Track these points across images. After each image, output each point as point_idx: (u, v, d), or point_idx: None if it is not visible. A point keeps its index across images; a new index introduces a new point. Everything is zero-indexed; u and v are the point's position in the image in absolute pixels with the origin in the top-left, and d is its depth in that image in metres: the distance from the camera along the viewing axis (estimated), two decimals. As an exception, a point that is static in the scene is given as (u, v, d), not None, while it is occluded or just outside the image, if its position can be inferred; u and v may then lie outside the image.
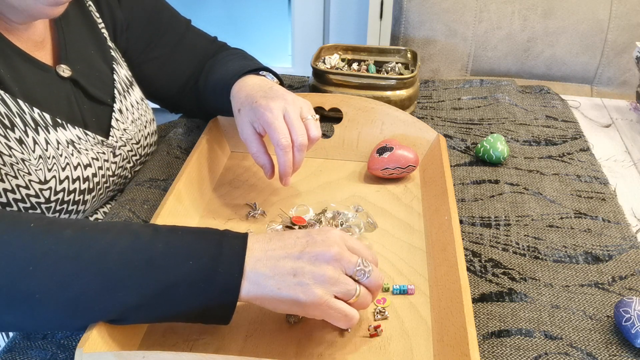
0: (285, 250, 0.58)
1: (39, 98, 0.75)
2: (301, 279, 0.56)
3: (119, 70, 0.90)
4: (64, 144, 0.76)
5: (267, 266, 0.56)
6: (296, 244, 0.58)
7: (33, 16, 0.73)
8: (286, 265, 0.56)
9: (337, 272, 0.57)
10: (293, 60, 2.50)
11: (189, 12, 1.06)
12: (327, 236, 0.59)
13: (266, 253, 0.57)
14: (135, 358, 0.54)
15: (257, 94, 0.80)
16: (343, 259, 0.58)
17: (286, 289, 0.56)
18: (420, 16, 1.53)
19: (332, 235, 0.59)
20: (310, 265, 0.56)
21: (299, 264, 0.56)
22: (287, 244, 0.58)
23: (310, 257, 0.57)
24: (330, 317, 0.57)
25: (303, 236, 0.59)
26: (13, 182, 0.71)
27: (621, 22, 1.48)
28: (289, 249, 0.58)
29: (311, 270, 0.56)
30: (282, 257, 0.57)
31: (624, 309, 0.65)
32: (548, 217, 0.85)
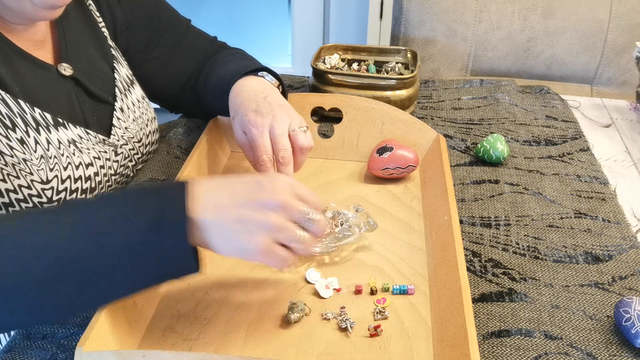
0: (232, 198, 0.58)
1: (40, 98, 0.75)
2: (247, 227, 0.57)
3: (120, 69, 0.90)
4: (66, 144, 0.76)
5: (213, 213, 0.57)
6: (243, 191, 0.59)
7: (31, 19, 0.74)
8: (232, 213, 0.57)
9: (281, 219, 0.58)
10: (293, 60, 2.50)
11: (189, 12, 1.06)
12: (275, 184, 0.60)
13: (212, 200, 0.58)
14: (135, 357, 0.54)
15: (249, 105, 0.80)
16: (289, 207, 0.59)
17: (232, 237, 0.57)
18: (420, 16, 1.53)
19: (280, 183, 0.60)
20: (255, 212, 0.57)
21: (245, 211, 0.57)
22: (234, 191, 0.59)
23: (256, 205, 0.58)
24: (270, 261, 0.59)
25: (251, 183, 0.60)
26: (15, 182, 0.71)
27: (621, 22, 1.48)
28: (235, 197, 0.58)
29: (257, 217, 0.57)
30: (228, 205, 0.57)
31: (624, 309, 0.65)
32: (548, 217, 0.85)
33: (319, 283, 0.70)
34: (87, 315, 0.68)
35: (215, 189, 0.59)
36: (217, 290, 0.70)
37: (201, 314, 0.66)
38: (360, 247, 0.77)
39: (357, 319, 0.66)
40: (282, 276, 0.72)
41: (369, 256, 0.75)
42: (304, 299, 0.68)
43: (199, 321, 0.65)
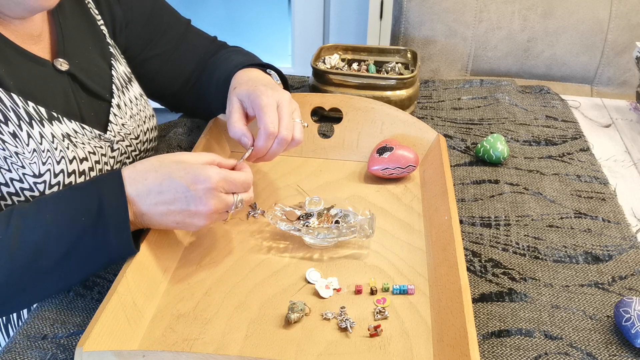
0: (167, 207, 0.66)
1: (35, 92, 0.76)
2: (183, 225, 0.68)
3: (117, 66, 0.90)
4: (60, 138, 0.76)
5: (151, 219, 0.67)
6: (176, 201, 0.66)
7: (29, 9, 0.74)
8: (169, 219, 0.67)
9: (213, 218, 0.68)
10: (293, 60, 2.50)
11: (189, 12, 1.06)
12: (204, 192, 0.66)
13: (149, 207, 0.67)
14: (135, 357, 0.55)
15: (260, 82, 0.82)
16: (219, 210, 0.67)
17: (169, 227, 0.69)
18: (420, 16, 1.53)
19: (208, 189, 0.66)
20: (190, 218, 0.67)
21: (180, 218, 0.67)
22: (166, 200, 0.66)
23: (190, 214, 0.67)
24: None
25: (182, 191, 0.66)
26: (7, 175, 0.72)
27: (621, 22, 1.48)
28: (170, 205, 0.66)
29: (192, 222, 0.68)
30: (163, 212, 0.67)
31: (624, 309, 0.65)
32: (548, 217, 0.85)
33: (319, 283, 0.70)
34: (87, 315, 0.68)
35: (147, 195, 0.67)
36: (217, 290, 0.70)
37: (201, 314, 0.66)
38: (360, 247, 0.77)
39: (357, 319, 0.66)
40: (282, 276, 0.72)
41: (369, 256, 0.75)
42: (304, 299, 0.68)
43: (199, 321, 0.65)
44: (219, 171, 0.66)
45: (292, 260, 0.75)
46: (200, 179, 0.65)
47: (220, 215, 0.69)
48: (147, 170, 0.67)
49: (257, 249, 0.76)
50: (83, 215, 0.64)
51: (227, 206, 0.68)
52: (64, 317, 0.68)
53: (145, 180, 0.66)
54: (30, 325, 0.67)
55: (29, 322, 0.67)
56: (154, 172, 0.67)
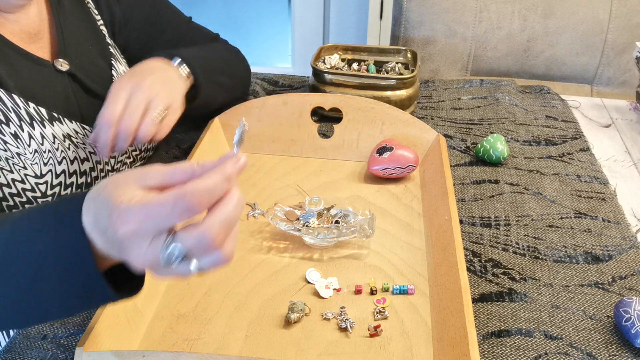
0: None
1: (35, 92, 0.76)
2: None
3: (118, 66, 0.90)
4: (60, 138, 0.76)
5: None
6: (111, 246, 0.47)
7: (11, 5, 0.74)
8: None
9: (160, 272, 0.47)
10: (293, 60, 2.50)
11: (189, 12, 1.06)
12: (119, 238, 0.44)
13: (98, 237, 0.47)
14: (135, 357, 0.55)
15: (143, 70, 0.79)
16: (151, 265, 0.45)
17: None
18: (420, 16, 1.53)
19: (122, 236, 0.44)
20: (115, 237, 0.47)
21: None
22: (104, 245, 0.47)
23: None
24: None
25: (105, 229, 0.45)
26: (9, 176, 0.71)
27: (621, 22, 1.48)
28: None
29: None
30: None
31: (624, 309, 0.65)
32: (548, 217, 0.85)
33: (319, 283, 0.70)
34: (87, 315, 0.68)
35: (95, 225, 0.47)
36: (217, 290, 0.70)
37: (201, 314, 0.66)
38: (360, 247, 0.77)
39: (357, 319, 0.66)
40: (282, 276, 0.72)
41: (369, 256, 0.75)
42: (304, 299, 0.68)
43: (199, 321, 0.65)
44: (135, 206, 0.44)
45: (292, 260, 0.75)
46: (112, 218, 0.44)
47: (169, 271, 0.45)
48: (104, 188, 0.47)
49: (257, 249, 0.76)
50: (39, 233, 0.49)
51: (155, 259, 0.44)
52: (64, 317, 0.68)
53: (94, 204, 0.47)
54: (30, 325, 0.67)
55: (29, 322, 0.67)
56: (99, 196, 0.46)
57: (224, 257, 0.45)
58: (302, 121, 0.96)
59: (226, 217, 0.44)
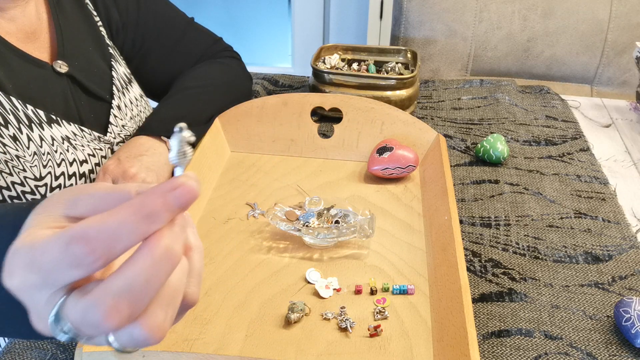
0: None
1: (34, 94, 0.75)
2: None
3: (117, 67, 0.90)
4: (59, 140, 0.76)
5: None
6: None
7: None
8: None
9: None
10: (293, 60, 2.50)
11: (190, 12, 1.06)
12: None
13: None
14: (135, 357, 0.55)
15: (120, 152, 0.80)
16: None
17: None
18: (420, 16, 1.53)
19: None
20: None
21: None
22: None
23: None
24: None
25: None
26: (8, 179, 0.71)
27: (621, 22, 1.48)
28: None
29: None
30: None
31: (624, 309, 0.65)
32: (548, 217, 0.85)
33: (319, 283, 0.70)
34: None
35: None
36: (217, 290, 0.70)
37: (201, 314, 0.66)
38: (360, 247, 0.77)
39: (357, 319, 0.66)
40: (282, 276, 0.72)
41: (369, 256, 0.75)
42: (304, 299, 0.68)
43: (199, 321, 0.65)
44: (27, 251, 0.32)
45: (292, 260, 0.75)
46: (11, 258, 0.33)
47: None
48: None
49: (257, 249, 0.76)
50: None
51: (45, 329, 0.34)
52: (64, 317, 0.68)
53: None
54: (30, 325, 0.67)
55: (29, 322, 0.67)
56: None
57: (146, 333, 0.32)
58: (302, 121, 0.96)
59: (132, 282, 0.30)
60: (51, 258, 0.30)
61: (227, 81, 1.00)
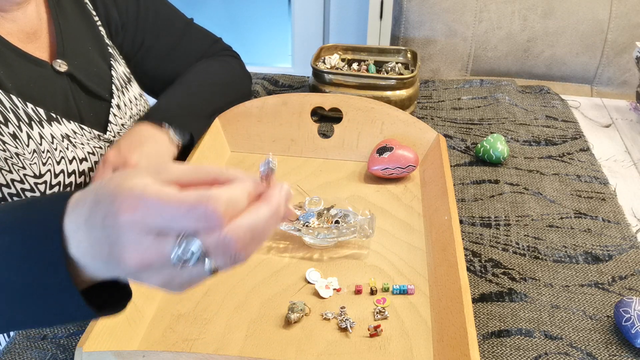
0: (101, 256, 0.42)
1: (34, 93, 0.76)
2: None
3: (117, 66, 0.90)
4: (59, 138, 0.77)
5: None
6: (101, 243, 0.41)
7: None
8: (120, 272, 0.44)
9: (161, 276, 0.42)
10: (293, 60, 2.50)
11: (189, 12, 1.06)
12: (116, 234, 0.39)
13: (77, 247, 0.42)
14: (135, 357, 0.55)
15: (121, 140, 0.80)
16: (151, 264, 0.40)
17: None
18: (420, 16, 1.53)
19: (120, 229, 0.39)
20: (132, 277, 0.44)
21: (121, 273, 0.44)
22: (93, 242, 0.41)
23: (122, 269, 0.42)
24: None
25: (101, 228, 0.40)
26: (8, 176, 0.72)
27: (621, 22, 1.48)
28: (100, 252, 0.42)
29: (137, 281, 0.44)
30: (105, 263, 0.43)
31: (624, 309, 0.65)
32: (548, 217, 0.85)
33: (319, 283, 0.70)
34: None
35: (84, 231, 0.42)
36: (217, 290, 0.70)
37: (201, 314, 0.66)
38: (360, 247, 0.77)
39: (357, 319, 0.66)
40: (282, 276, 0.72)
41: (369, 256, 0.75)
42: (304, 299, 0.68)
43: (199, 321, 0.65)
44: (145, 194, 0.39)
45: (292, 260, 0.75)
46: (112, 209, 0.39)
47: (173, 273, 0.41)
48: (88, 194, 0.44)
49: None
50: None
51: (162, 257, 0.39)
52: (64, 317, 0.68)
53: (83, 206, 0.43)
54: (30, 325, 0.67)
55: (29, 322, 0.67)
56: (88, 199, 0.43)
57: (244, 259, 0.41)
58: (302, 121, 0.96)
59: (257, 223, 0.40)
60: (184, 211, 0.38)
61: (227, 78, 1.00)
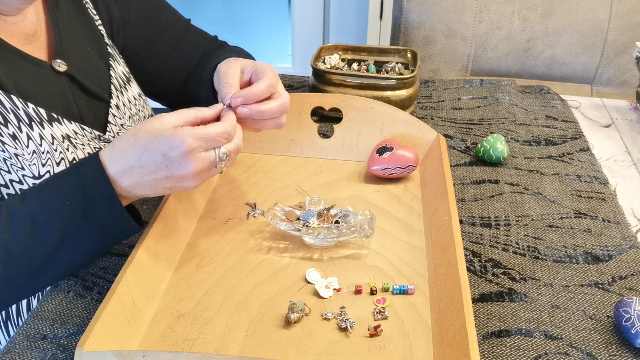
0: (152, 177, 0.65)
1: (34, 93, 0.76)
2: (176, 189, 0.68)
3: (116, 66, 0.90)
4: (59, 139, 0.76)
5: (144, 190, 0.67)
6: (158, 169, 0.65)
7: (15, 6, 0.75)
8: (159, 186, 0.66)
9: (202, 177, 0.67)
10: (293, 60, 2.50)
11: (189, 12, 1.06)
12: (181, 157, 0.64)
13: (136, 181, 0.66)
14: (135, 357, 0.55)
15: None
16: (204, 169, 0.66)
17: (165, 192, 0.69)
18: (420, 16, 1.53)
19: (184, 154, 0.63)
20: (179, 183, 0.66)
21: (169, 184, 0.66)
22: (150, 171, 0.65)
23: (176, 179, 0.65)
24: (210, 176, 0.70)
25: (161, 162, 0.64)
26: (7, 177, 0.72)
27: (621, 22, 1.48)
28: (154, 174, 0.65)
29: (182, 186, 0.67)
30: (152, 183, 0.66)
31: (624, 309, 0.65)
32: (548, 217, 0.85)
33: (319, 283, 0.70)
34: (87, 315, 0.68)
35: (131, 169, 0.65)
36: (217, 290, 0.70)
37: (201, 314, 0.66)
38: (360, 247, 0.77)
39: (357, 319, 0.66)
40: (282, 276, 0.72)
41: (369, 256, 0.75)
42: (304, 299, 0.68)
43: (199, 321, 0.66)
44: (191, 132, 0.64)
45: (292, 260, 0.75)
46: (174, 145, 0.63)
47: (208, 172, 0.67)
48: (125, 148, 0.66)
49: (257, 249, 0.76)
50: (67, 199, 0.64)
51: (211, 163, 0.66)
52: (64, 317, 0.68)
53: (125, 157, 0.65)
54: (30, 325, 0.67)
55: (29, 323, 0.67)
56: (131, 149, 0.65)
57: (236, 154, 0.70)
58: (302, 121, 0.96)
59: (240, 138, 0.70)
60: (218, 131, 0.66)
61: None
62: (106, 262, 0.76)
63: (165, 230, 0.73)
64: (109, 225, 0.67)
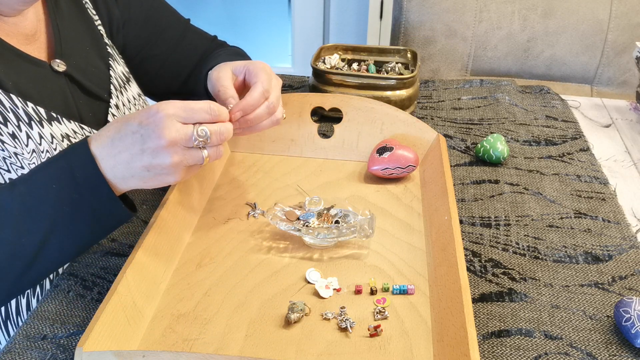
0: (129, 152, 0.63)
1: (34, 93, 0.76)
2: (156, 171, 0.63)
3: (115, 66, 0.90)
4: (59, 138, 0.77)
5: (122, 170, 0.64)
6: (134, 142, 0.62)
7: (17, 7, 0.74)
8: (136, 166, 0.63)
9: (179, 154, 0.63)
10: (293, 60, 2.50)
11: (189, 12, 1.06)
12: (156, 123, 0.61)
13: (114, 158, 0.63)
14: (135, 357, 0.55)
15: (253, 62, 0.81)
16: (178, 141, 0.62)
17: (151, 181, 0.65)
18: (420, 16, 1.53)
19: (160, 119, 0.61)
20: (154, 159, 0.62)
21: (145, 161, 0.63)
22: (127, 144, 0.63)
23: (151, 153, 0.62)
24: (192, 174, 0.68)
25: (137, 130, 0.62)
26: (6, 175, 0.72)
27: (621, 22, 1.48)
28: (130, 150, 0.63)
29: (158, 163, 0.63)
30: (128, 160, 0.63)
31: (624, 309, 0.65)
32: (548, 217, 0.85)
33: (319, 283, 0.70)
34: (87, 315, 0.68)
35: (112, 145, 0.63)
36: (217, 290, 0.70)
37: (201, 314, 0.66)
38: (360, 247, 0.77)
39: (357, 319, 0.66)
40: (282, 276, 0.72)
41: (369, 256, 0.75)
42: (304, 299, 0.68)
43: (199, 321, 0.66)
44: (174, 102, 0.63)
45: (292, 260, 0.75)
46: (151, 112, 0.62)
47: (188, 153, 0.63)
48: (110, 124, 0.65)
49: (257, 249, 0.76)
50: (54, 182, 0.63)
51: (186, 136, 0.62)
52: (64, 317, 0.68)
53: (108, 131, 0.64)
54: (30, 325, 0.67)
55: (29, 323, 0.67)
56: (115, 123, 0.64)
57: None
58: (302, 121, 0.96)
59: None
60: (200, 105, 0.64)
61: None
62: (106, 262, 0.76)
63: (165, 230, 0.73)
64: (97, 207, 0.64)
